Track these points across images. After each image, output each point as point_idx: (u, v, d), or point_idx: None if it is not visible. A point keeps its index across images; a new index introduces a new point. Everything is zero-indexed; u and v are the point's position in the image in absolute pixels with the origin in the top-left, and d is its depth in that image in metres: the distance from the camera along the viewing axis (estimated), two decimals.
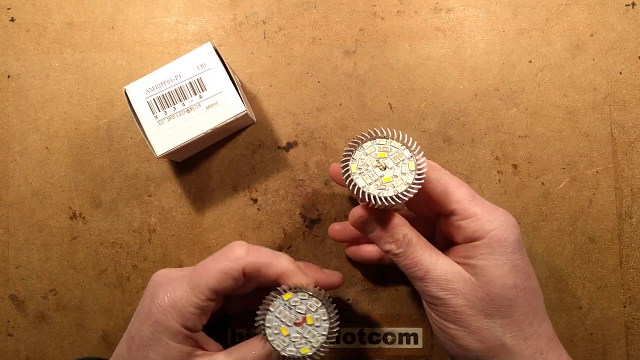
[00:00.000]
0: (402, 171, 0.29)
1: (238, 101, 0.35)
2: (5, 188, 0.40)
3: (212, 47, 0.35)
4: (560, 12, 0.40)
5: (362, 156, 0.29)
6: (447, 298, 0.29)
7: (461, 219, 0.30)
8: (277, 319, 0.29)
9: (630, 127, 0.39)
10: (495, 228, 0.29)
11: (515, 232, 0.29)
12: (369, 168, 0.29)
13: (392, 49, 0.40)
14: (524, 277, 0.29)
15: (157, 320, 0.29)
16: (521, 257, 0.29)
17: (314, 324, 0.29)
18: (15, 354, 0.39)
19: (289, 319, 0.29)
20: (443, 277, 0.29)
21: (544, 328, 0.30)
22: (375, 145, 0.29)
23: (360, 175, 0.29)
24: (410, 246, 0.30)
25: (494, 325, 0.29)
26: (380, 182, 0.29)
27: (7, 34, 0.41)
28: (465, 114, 0.40)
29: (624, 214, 0.39)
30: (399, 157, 0.29)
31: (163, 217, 0.40)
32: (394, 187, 0.28)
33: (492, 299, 0.29)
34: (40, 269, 0.40)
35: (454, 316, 0.29)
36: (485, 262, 0.29)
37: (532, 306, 0.29)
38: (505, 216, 0.30)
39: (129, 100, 0.35)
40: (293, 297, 0.29)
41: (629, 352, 0.39)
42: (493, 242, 0.29)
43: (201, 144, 0.38)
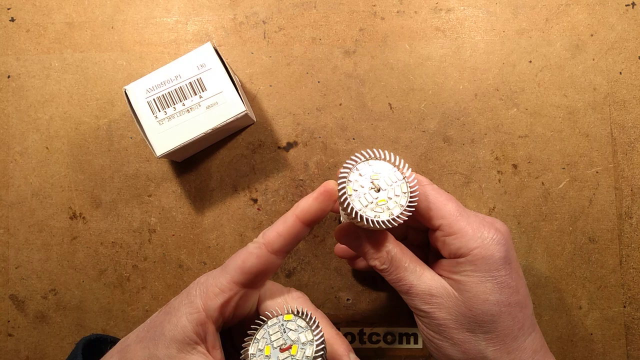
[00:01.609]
0: (395, 193, 0.29)
1: (238, 101, 0.35)
2: (5, 188, 0.40)
3: (212, 47, 0.35)
4: (560, 12, 0.40)
5: (357, 177, 0.30)
6: (431, 311, 0.30)
7: (446, 235, 0.30)
8: (268, 334, 0.29)
9: (630, 127, 0.39)
10: (478, 246, 0.29)
11: (501, 249, 0.29)
12: (364, 190, 0.29)
13: (392, 49, 0.40)
14: (509, 293, 0.29)
15: (188, 291, 0.30)
16: (507, 272, 0.29)
17: (296, 355, 0.29)
18: (15, 354, 0.39)
19: (277, 340, 0.29)
20: (427, 292, 0.30)
21: (530, 341, 0.30)
22: (369, 166, 0.30)
23: (356, 197, 0.29)
24: (394, 262, 0.31)
25: (476, 339, 0.29)
26: (376, 204, 0.29)
27: (7, 34, 0.41)
28: (465, 114, 0.40)
29: (624, 214, 0.39)
30: (392, 179, 0.30)
31: (163, 217, 0.40)
32: (389, 209, 0.29)
33: (475, 314, 0.29)
34: (40, 269, 0.40)
35: (438, 328, 0.30)
36: (468, 278, 0.29)
37: (517, 320, 0.29)
38: (491, 232, 0.29)
39: (129, 100, 0.35)
40: (292, 321, 0.29)
41: (629, 352, 0.39)
42: (476, 259, 0.29)
43: (201, 144, 0.38)
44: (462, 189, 0.39)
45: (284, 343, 0.29)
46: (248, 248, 0.30)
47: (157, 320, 0.30)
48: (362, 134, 0.40)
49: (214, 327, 0.30)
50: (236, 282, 0.29)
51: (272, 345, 0.29)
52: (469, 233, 0.29)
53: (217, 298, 0.29)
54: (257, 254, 0.30)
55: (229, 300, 0.30)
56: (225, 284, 0.29)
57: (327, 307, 0.39)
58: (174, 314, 0.29)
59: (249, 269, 0.29)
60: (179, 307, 0.29)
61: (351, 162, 0.30)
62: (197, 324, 0.29)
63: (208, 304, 0.29)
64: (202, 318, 0.29)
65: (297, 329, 0.29)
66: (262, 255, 0.30)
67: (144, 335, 0.30)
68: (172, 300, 0.31)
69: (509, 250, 0.29)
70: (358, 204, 0.29)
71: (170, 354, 0.28)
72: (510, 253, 0.30)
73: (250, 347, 0.29)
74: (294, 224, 0.30)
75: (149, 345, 0.29)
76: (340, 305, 0.39)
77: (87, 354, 0.32)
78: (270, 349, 0.29)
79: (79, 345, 0.32)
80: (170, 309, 0.30)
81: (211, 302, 0.29)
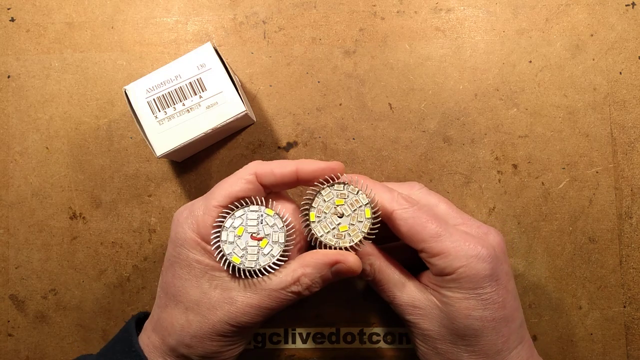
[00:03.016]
0: (358, 219, 0.30)
1: (238, 101, 0.35)
2: (5, 188, 0.40)
3: (212, 47, 0.35)
4: (560, 12, 0.40)
5: (320, 203, 0.30)
6: (415, 322, 0.31)
7: (429, 256, 0.30)
8: (246, 217, 0.30)
9: (630, 127, 0.39)
10: (463, 265, 0.29)
11: (487, 266, 0.29)
12: (326, 216, 0.30)
13: (392, 49, 0.40)
14: (495, 309, 0.29)
15: (177, 233, 0.30)
16: (494, 289, 0.29)
17: (264, 249, 0.30)
18: (15, 354, 0.39)
19: (252, 227, 0.30)
20: (410, 303, 0.31)
21: (515, 354, 0.30)
22: (334, 191, 0.30)
23: (319, 223, 0.30)
24: (377, 274, 0.31)
25: (459, 351, 0.30)
26: (337, 230, 0.30)
27: (7, 34, 0.41)
28: (465, 114, 0.40)
29: (624, 214, 0.39)
30: (356, 204, 0.30)
31: (163, 217, 0.40)
32: (350, 235, 0.30)
33: (457, 328, 0.29)
34: (40, 269, 0.40)
35: (423, 337, 0.31)
36: (451, 294, 0.29)
37: (502, 335, 0.29)
38: (477, 249, 0.29)
39: (129, 100, 0.35)
40: (272, 217, 0.30)
41: (629, 352, 0.39)
42: (460, 278, 0.29)
43: (201, 144, 0.38)
44: (462, 189, 0.39)
45: (257, 232, 0.30)
46: (238, 174, 0.30)
47: (169, 278, 0.30)
48: (362, 134, 0.40)
49: None
50: (224, 205, 0.30)
51: (247, 229, 0.30)
52: (452, 254, 0.29)
53: (207, 225, 0.30)
54: (248, 179, 0.30)
55: None
56: (213, 210, 0.30)
57: (327, 307, 0.39)
58: (177, 262, 0.30)
59: (235, 194, 0.30)
60: (180, 250, 0.30)
61: (315, 188, 0.30)
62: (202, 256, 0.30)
63: (202, 233, 0.30)
64: (203, 248, 0.30)
65: (273, 226, 0.30)
66: (252, 182, 0.30)
67: (166, 302, 0.30)
68: (167, 254, 0.31)
69: (496, 266, 0.29)
70: (320, 230, 0.30)
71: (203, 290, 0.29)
72: (499, 268, 0.29)
73: (226, 221, 0.30)
74: (290, 173, 0.30)
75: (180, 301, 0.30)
76: (340, 305, 0.39)
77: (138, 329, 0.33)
78: (244, 231, 0.30)
79: (132, 321, 0.33)
80: (171, 260, 0.30)
81: (204, 230, 0.30)
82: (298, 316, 0.40)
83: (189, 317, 0.29)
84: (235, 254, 0.29)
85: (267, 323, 0.39)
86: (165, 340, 0.30)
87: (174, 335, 0.30)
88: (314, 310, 0.40)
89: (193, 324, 0.29)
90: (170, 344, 0.30)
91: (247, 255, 0.29)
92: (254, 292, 0.29)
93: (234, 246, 0.29)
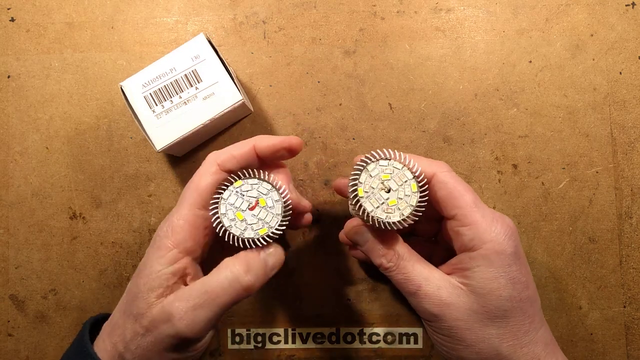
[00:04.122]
0: (405, 193, 0.30)
1: (234, 90, 0.35)
2: (5, 188, 0.40)
3: (205, 38, 0.35)
4: (560, 12, 0.40)
5: (367, 179, 0.30)
6: (441, 314, 0.30)
7: (460, 225, 0.30)
8: (231, 206, 0.30)
9: (630, 127, 0.39)
10: (492, 240, 0.29)
11: (513, 244, 0.29)
12: (374, 191, 0.30)
13: (392, 49, 0.40)
14: (521, 288, 0.29)
15: (152, 242, 0.30)
16: (518, 268, 0.29)
17: (266, 205, 0.30)
18: (15, 354, 0.39)
19: (243, 205, 0.30)
20: (436, 293, 0.30)
21: (541, 334, 0.30)
22: (379, 167, 0.30)
23: (367, 199, 0.30)
24: (402, 260, 0.31)
25: (489, 337, 0.29)
26: (387, 205, 0.29)
27: (7, 34, 0.41)
28: (465, 114, 0.40)
29: (624, 214, 0.39)
30: (402, 179, 0.30)
31: (163, 217, 0.40)
32: (400, 209, 0.29)
33: (487, 310, 0.29)
34: (40, 269, 0.40)
35: (449, 331, 0.30)
36: (481, 274, 0.29)
37: (528, 315, 0.29)
38: (504, 227, 0.29)
39: (126, 97, 0.35)
40: (243, 185, 0.30)
41: (629, 352, 0.39)
42: (490, 253, 0.29)
43: (201, 136, 0.38)
44: None
45: (250, 203, 0.30)
46: (199, 171, 0.30)
47: (132, 284, 0.30)
48: (362, 134, 0.40)
49: (189, 258, 0.30)
50: (197, 206, 0.30)
51: (240, 209, 0.30)
52: (482, 226, 0.29)
53: (183, 230, 0.29)
54: (212, 171, 0.30)
55: (196, 226, 0.30)
56: (187, 212, 0.29)
57: (327, 307, 0.39)
58: (145, 267, 0.30)
59: (204, 188, 0.30)
60: (149, 258, 0.30)
61: (361, 163, 0.30)
62: (171, 263, 0.29)
63: (177, 239, 0.29)
64: (174, 255, 0.29)
65: (250, 188, 0.30)
66: (217, 172, 0.30)
67: (125, 307, 0.30)
68: (143, 258, 0.31)
69: (518, 245, 0.29)
70: (369, 205, 0.29)
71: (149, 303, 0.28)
72: (520, 249, 0.30)
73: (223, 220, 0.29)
74: (249, 151, 0.30)
75: (132, 311, 0.29)
76: (340, 305, 0.39)
77: (94, 333, 0.32)
78: (241, 213, 0.30)
79: (86, 325, 0.32)
80: (141, 266, 0.30)
81: (180, 235, 0.29)
82: (298, 316, 0.40)
83: (136, 328, 0.29)
84: (235, 226, 0.29)
85: (267, 323, 0.39)
86: (116, 347, 0.29)
87: (123, 344, 0.29)
88: (314, 310, 0.40)
89: (138, 335, 0.29)
90: (121, 351, 0.29)
91: (246, 226, 0.30)
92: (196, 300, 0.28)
93: (233, 218, 0.30)
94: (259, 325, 0.39)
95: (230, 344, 0.39)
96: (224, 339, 0.39)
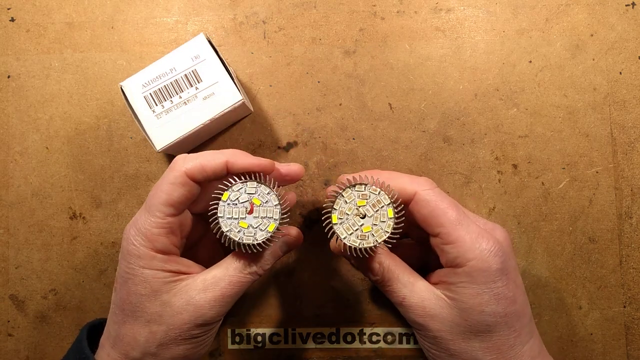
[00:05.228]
0: (381, 219, 0.30)
1: (234, 90, 0.35)
2: (5, 188, 0.40)
3: (205, 38, 0.35)
4: (560, 12, 0.40)
5: (342, 205, 0.30)
6: (425, 324, 0.30)
7: (444, 243, 0.30)
8: (230, 219, 0.29)
9: (630, 127, 0.39)
10: (475, 257, 0.29)
11: (499, 260, 0.29)
12: (349, 217, 0.30)
13: (392, 49, 0.40)
14: (506, 304, 0.29)
15: (129, 252, 0.29)
16: (504, 283, 0.29)
17: (261, 204, 0.30)
18: (15, 354, 0.39)
19: (240, 212, 0.29)
20: (420, 304, 0.30)
21: (528, 347, 0.30)
22: (355, 192, 0.30)
23: (341, 225, 0.30)
24: (386, 274, 0.31)
25: (473, 349, 0.29)
26: (361, 231, 0.30)
27: (7, 34, 0.41)
28: (465, 114, 0.40)
29: (624, 214, 0.39)
30: (378, 204, 0.30)
31: None
32: (374, 236, 0.30)
33: (470, 324, 0.29)
34: (40, 269, 0.40)
35: (434, 340, 0.30)
36: (464, 290, 0.29)
37: (514, 329, 0.29)
38: (490, 243, 0.29)
39: (126, 97, 0.35)
40: (230, 195, 0.30)
41: (629, 352, 0.39)
42: (473, 271, 0.29)
43: (201, 137, 0.38)
44: (462, 189, 0.39)
45: (245, 208, 0.30)
46: (168, 179, 0.30)
47: (121, 295, 0.30)
48: (362, 134, 0.40)
49: (176, 258, 0.30)
50: (169, 214, 0.30)
51: (239, 218, 0.30)
52: (466, 243, 0.29)
53: (160, 236, 0.29)
54: (181, 182, 0.29)
55: (174, 231, 0.30)
56: (160, 221, 0.29)
57: (327, 307, 0.39)
58: (131, 278, 0.30)
59: (176, 200, 0.29)
60: (134, 268, 0.29)
61: (336, 190, 0.30)
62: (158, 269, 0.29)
63: (157, 246, 0.29)
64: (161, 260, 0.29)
65: (239, 192, 0.30)
66: (187, 183, 0.30)
67: (121, 318, 0.30)
68: (119, 271, 0.31)
69: (506, 260, 0.29)
70: (343, 232, 0.30)
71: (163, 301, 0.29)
72: (508, 263, 0.29)
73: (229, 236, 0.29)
74: (221, 166, 0.30)
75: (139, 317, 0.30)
76: (340, 305, 0.39)
77: (92, 338, 0.32)
78: (243, 222, 0.30)
79: (84, 330, 0.33)
80: (125, 277, 0.30)
81: (159, 244, 0.29)
82: (298, 316, 0.40)
83: (152, 329, 0.29)
84: (233, 230, 0.29)
85: (267, 323, 0.39)
86: (128, 355, 0.30)
87: (138, 349, 0.29)
88: (314, 310, 0.40)
89: (158, 333, 0.29)
90: (135, 357, 0.30)
91: (244, 230, 0.29)
92: (215, 285, 0.30)
93: (232, 221, 0.29)
94: (259, 325, 0.40)
95: (230, 344, 0.39)
96: (224, 339, 0.39)
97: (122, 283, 0.30)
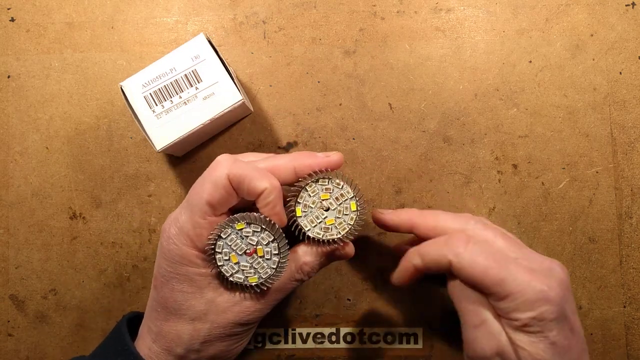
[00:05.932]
0: (344, 212, 0.30)
1: (234, 90, 0.35)
2: (5, 188, 0.40)
3: (205, 38, 0.35)
4: (560, 12, 0.40)
5: (306, 198, 0.30)
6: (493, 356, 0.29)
7: (496, 300, 0.28)
8: (228, 246, 0.30)
9: (630, 127, 0.39)
10: (529, 310, 0.27)
11: (554, 309, 0.27)
12: (312, 210, 0.30)
13: (392, 49, 0.40)
14: (562, 352, 0.28)
15: (171, 251, 0.30)
16: (561, 332, 0.28)
17: (264, 256, 0.30)
18: (15, 354, 0.39)
19: (240, 248, 0.30)
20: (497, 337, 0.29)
21: None
22: (319, 186, 0.30)
23: (305, 217, 0.30)
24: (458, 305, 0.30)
25: None
26: (324, 224, 0.30)
27: (7, 34, 0.41)
28: (465, 114, 0.40)
29: (624, 214, 0.39)
30: (342, 198, 0.30)
31: (163, 217, 0.40)
32: (337, 228, 0.30)
33: None
34: (40, 269, 0.40)
35: None
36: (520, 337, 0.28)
37: None
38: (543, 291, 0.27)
39: (126, 97, 0.35)
40: (246, 228, 0.30)
41: (629, 352, 0.39)
42: (529, 321, 0.27)
43: (201, 137, 0.38)
44: (462, 189, 0.39)
45: (247, 248, 0.30)
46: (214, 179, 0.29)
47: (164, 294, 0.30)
48: (362, 134, 0.40)
49: None
50: (210, 214, 0.29)
51: (237, 252, 0.30)
52: (517, 297, 0.27)
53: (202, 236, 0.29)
54: (224, 185, 0.29)
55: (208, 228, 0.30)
56: (202, 221, 0.29)
57: (327, 307, 0.40)
58: (175, 277, 0.30)
59: (217, 202, 0.29)
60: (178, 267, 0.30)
61: (299, 184, 0.30)
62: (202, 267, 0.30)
63: (199, 245, 0.30)
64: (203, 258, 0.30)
65: (252, 233, 0.30)
66: (229, 191, 0.29)
67: (164, 315, 0.31)
68: (158, 269, 0.31)
69: (562, 307, 0.28)
70: (306, 223, 0.30)
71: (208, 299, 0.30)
72: (565, 308, 0.28)
73: (216, 258, 0.30)
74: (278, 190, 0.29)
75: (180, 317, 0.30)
76: (340, 305, 0.39)
77: (130, 329, 0.33)
78: (237, 256, 0.30)
79: (123, 320, 0.33)
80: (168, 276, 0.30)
81: (200, 242, 0.30)
82: (298, 316, 0.40)
83: (197, 326, 0.30)
84: (231, 270, 0.30)
85: (267, 323, 0.39)
86: (172, 351, 0.30)
87: (182, 345, 0.30)
88: (314, 310, 0.40)
89: (202, 331, 0.30)
90: (179, 353, 0.30)
91: (242, 270, 0.30)
92: None
93: (229, 261, 0.30)
94: (259, 325, 0.40)
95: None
96: None
97: (164, 282, 0.30)
